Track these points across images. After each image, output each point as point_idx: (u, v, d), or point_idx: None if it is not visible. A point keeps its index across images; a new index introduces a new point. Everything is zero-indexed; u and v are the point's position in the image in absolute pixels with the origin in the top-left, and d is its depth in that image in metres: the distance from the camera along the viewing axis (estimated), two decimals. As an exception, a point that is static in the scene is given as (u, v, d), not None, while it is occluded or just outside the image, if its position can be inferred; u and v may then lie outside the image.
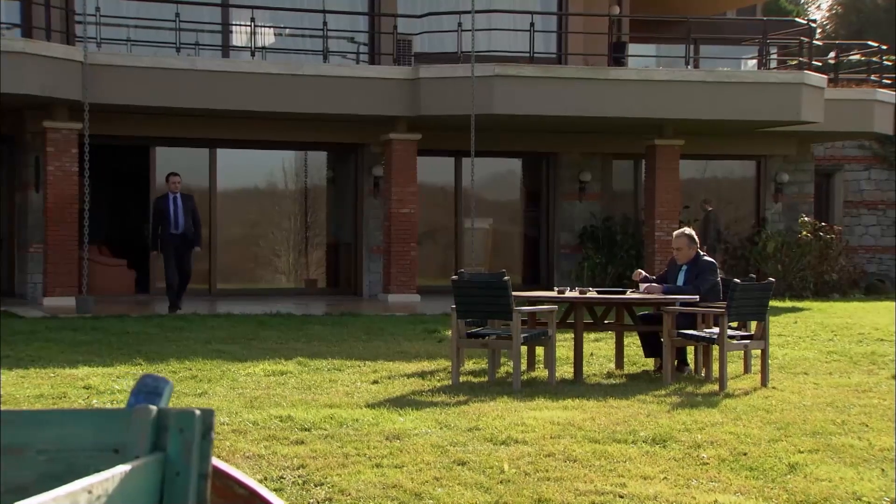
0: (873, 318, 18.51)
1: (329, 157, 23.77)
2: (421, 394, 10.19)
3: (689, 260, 11.74)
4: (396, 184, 21.03)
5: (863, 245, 28.15)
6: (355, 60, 23.10)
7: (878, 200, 28.69)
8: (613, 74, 20.94)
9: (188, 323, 16.22)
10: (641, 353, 12.40)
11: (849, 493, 6.80)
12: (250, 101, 20.18)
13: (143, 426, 2.31)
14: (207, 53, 21.95)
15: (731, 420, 9.01)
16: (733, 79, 21.63)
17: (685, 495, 6.73)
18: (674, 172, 22.09)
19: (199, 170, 22.26)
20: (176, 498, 2.29)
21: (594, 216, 23.73)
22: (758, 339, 11.01)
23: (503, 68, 20.21)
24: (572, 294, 11.52)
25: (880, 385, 11.13)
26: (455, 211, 23.68)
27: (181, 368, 11.56)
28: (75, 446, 2.35)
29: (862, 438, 8.35)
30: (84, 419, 2.40)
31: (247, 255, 23.43)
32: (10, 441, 2.35)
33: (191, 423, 2.32)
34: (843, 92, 23.87)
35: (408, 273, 21.14)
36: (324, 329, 15.61)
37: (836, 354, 13.61)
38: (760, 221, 25.22)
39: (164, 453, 2.31)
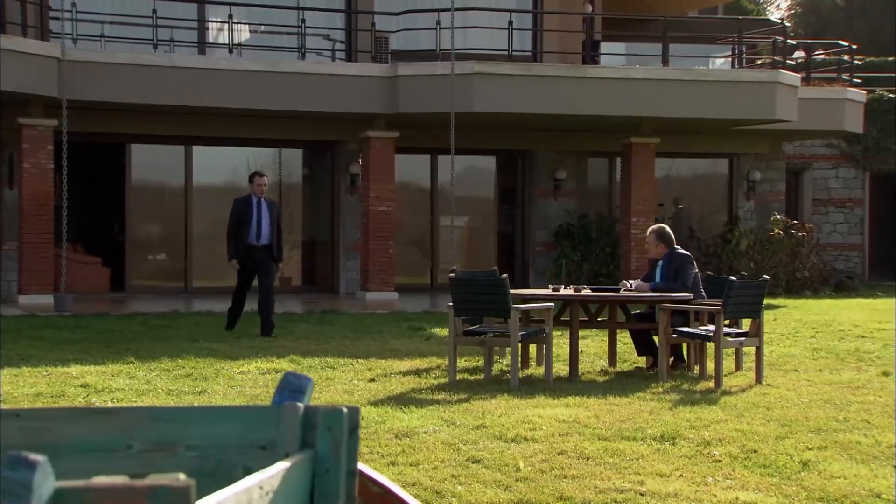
0: (849, 315, 18.68)
1: (305, 155, 23.70)
2: (421, 391, 10.19)
3: (661, 255, 11.84)
4: (374, 181, 21.00)
5: (831, 242, 28.38)
6: (331, 58, 23.03)
7: (846, 198, 28.94)
8: (591, 73, 21.01)
9: (172, 321, 16.14)
10: (632, 351, 12.46)
11: (866, 490, 6.85)
12: (227, 99, 20.08)
13: (292, 424, 2.31)
14: (184, 50, 21.82)
15: (735, 417, 9.07)
16: (709, 77, 21.75)
17: (705, 493, 6.77)
18: (649, 170, 22.20)
19: (175, 167, 22.14)
20: (327, 495, 2.29)
21: (569, 214, 23.80)
22: (752, 337, 11.08)
23: (482, 66, 20.24)
24: (567, 292, 11.55)
25: (872, 382, 11.23)
26: (431, 209, 23.67)
27: (175, 367, 11.50)
28: (224, 442, 2.35)
29: (867, 435, 8.42)
30: (233, 416, 2.40)
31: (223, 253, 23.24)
32: (162, 437, 2.34)
33: (339, 421, 2.32)
34: (815, 91, 24.06)
35: (386, 271, 21.12)
36: (309, 327, 15.59)
37: (822, 352, 13.72)
38: (733, 219, 25.39)
39: (313, 450, 2.31)
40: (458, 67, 19.81)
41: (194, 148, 22.20)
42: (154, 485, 1.77)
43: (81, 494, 1.79)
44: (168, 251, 22.78)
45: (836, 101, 24.18)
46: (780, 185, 26.11)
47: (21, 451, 1.79)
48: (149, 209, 22.57)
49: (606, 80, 20.82)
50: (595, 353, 12.97)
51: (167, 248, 22.77)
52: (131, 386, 10.33)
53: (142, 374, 11.04)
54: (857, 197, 28.97)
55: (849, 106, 24.40)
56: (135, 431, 2.37)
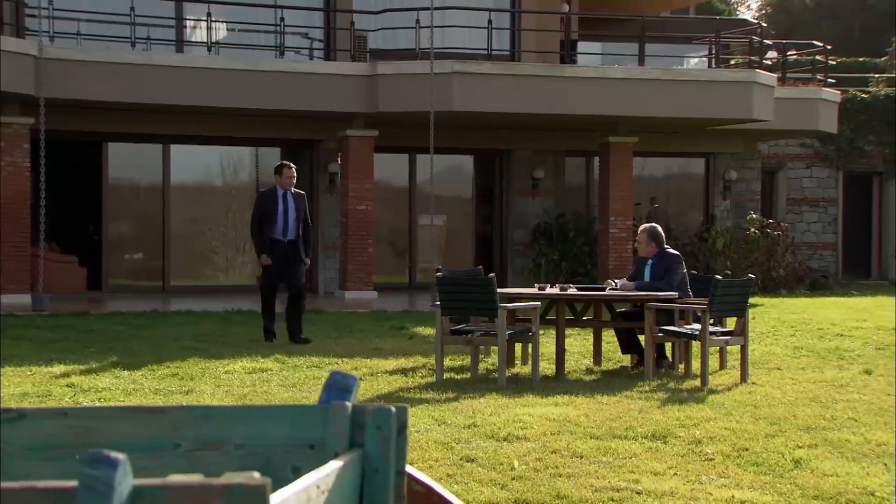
0: (826, 314, 18.79)
1: (283, 154, 23.60)
2: (409, 390, 10.19)
3: (652, 254, 11.88)
4: (353, 180, 20.98)
5: (805, 242, 28.55)
6: (309, 56, 22.98)
7: (820, 198, 29.12)
8: (570, 72, 21.05)
9: (152, 321, 16.07)
10: (616, 349, 12.50)
11: (859, 488, 6.90)
12: (206, 97, 20.01)
13: (341, 423, 2.31)
14: (161, 48, 21.72)
15: (723, 416, 9.11)
16: (687, 77, 21.84)
17: (700, 491, 6.80)
18: (627, 169, 22.28)
19: (153, 166, 22.04)
20: (376, 494, 2.29)
21: (547, 213, 23.85)
22: (738, 336, 11.14)
23: (462, 65, 20.25)
24: (553, 291, 11.57)
25: (855, 380, 11.31)
26: (409, 208, 23.66)
27: (160, 366, 11.45)
28: (272, 441, 2.36)
29: (856, 433, 8.48)
30: (280, 415, 2.40)
31: (200, 252, 23.24)
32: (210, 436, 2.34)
33: (388, 420, 2.32)
34: (790, 91, 24.19)
35: (365, 270, 21.11)
36: (291, 326, 15.51)
37: (802, 350, 13.80)
38: (709, 218, 25.51)
39: (362, 450, 2.31)
40: (437, 66, 19.81)
41: (172, 147, 22.11)
42: (230, 483, 1.76)
43: (158, 492, 1.79)
44: (145, 250, 22.68)
45: (810, 100, 24.33)
46: (756, 184, 26.26)
47: (101, 450, 1.79)
48: (126, 208, 22.47)
49: (585, 80, 20.87)
50: (579, 351, 13.00)
51: (144, 247, 22.67)
52: (117, 385, 10.28)
53: (127, 374, 10.99)
54: (831, 196, 29.15)
55: (823, 106, 24.56)
56: (182, 430, 2.36)
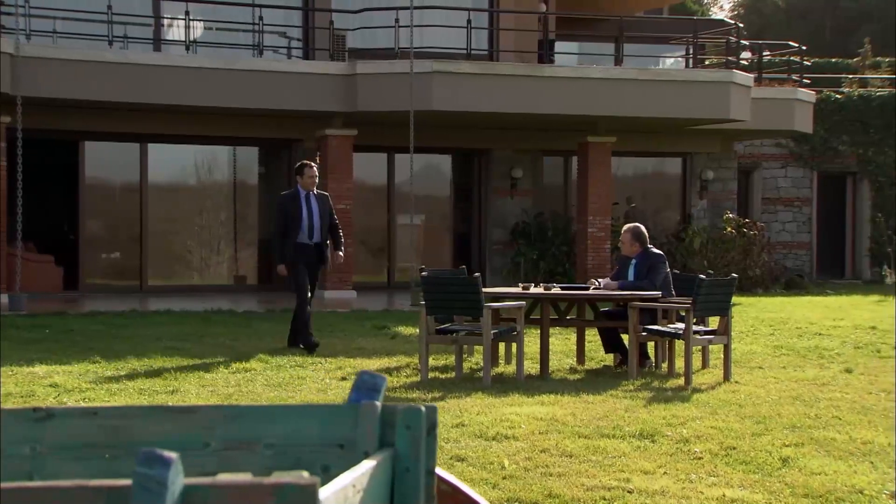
0: (804, 313, 18.90)
1: (262, 153, 23.59)
2: (394, 390, 10.19)
3: (636, 253, 11.92)
4: (332, 179, 20.95)
5: (780, 241, 28.70)
6: (287, 55, 22.93)
7: (794, 197, 29.28)
8: (549, 72, 21.09)
9: (131, 320, 16.01)
10: (599, 348, 12.53)
11: (847, 486, 6.94)
12: (184, 96, 19.95)
13: (371, 422, 2.32)
14: (139, 47, 21.63)
15: (709, 414, 9.15)
16: (665, 77, 21.92)
17: (691, 490, 6.83)
18: (606, 169, 22.33)
19: (130, 165, 21.95)
20: (407, 493, 2.30)
21: (526, 212, 23.88)
22: (721, 335, 11.19)
23: (441, 65, 20.25)
24: (537, 290, 11.60)
25: (836, 379, 11.37)
26: (388, 207, 23.65)
27: (141, 366, 11.41)
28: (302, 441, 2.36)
29: (841, 432, 8.53)
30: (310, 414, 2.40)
31: (178, 252, 23.16)
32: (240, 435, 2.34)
33: (418, 420, 2.32)
34: (766, 91, 24.31)
35: (344, 269, 21.04)
36: (272, 326, 15.53)
37: (782, 349, 13.87)
38: (686, 218, 25.60)
39: (392, 449, 2.31)
40: (416, 66, 19.80)
41: (149, 146, 22.02)
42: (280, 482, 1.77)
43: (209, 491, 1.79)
44: (122, 249, 22.58)
45: (786, 101, 24.46)
46: (732, 184, 26.38)
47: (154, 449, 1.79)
48: (103, 207, 22.35)
49: (564, 80, 20.91)
50: (562, 350, 13.02)
51: (122, 246, 22.57)
52: (101, 385, 10.24)
53: (110, 374, 10.94)
54: (805, 196, 29.32)
55: (799, 106, 24.70)
56: (212, 429, 2.36)
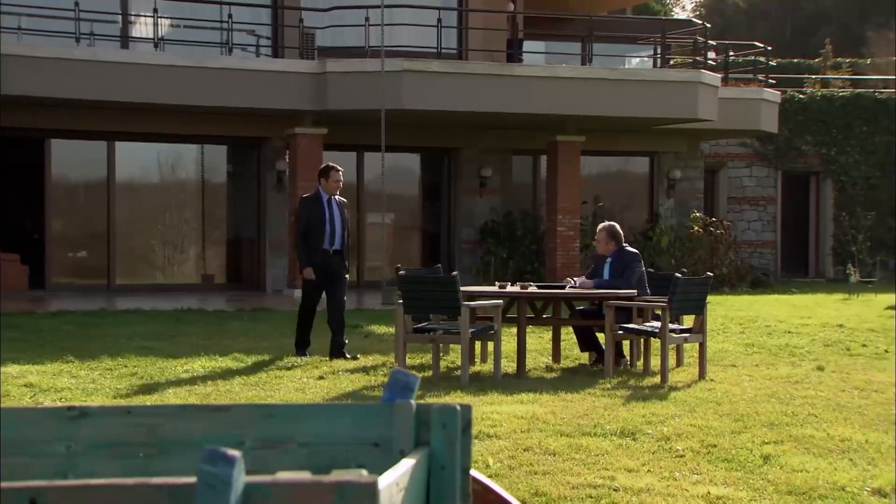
0: (771, 311, 19.05)
1: (231, 151, 23.48)
2: (372, 388, 10.18)
3: (611, 252, 11.97)
4: (302, 178, 20.88)
5: (745, 240, 28.88)
6: (256, 53, 22.84)
7: (760, 197, 29.49)
8: (519, 71, 21.13)
9: (101, 319, 15.90)
10: (573, 347, 12.58)
11: (829, 482, 7.00)
12: (152, 94, 19.83)
13: (406, 421, 2.32)
14: (106, 44, 21.48)
15: (688, 412, 9.20)
16: (634, 77, 22.02)
17: (676, 487, 6.86)
18: (575, 168, 22.39)
19: (97, 163, 21.81)
20: (443, 492, 2.30)
21: (495, 211, 23.91)
22: (696, 333, 11.25)
23: (412, 63, 20.24)
24: (514, 289, 11.62)
25: (809, 377, 11.46)
26: (357, 206, 23.60)
27: (117, 366, 11.35)
28: (336, 440, 2.36)
29: (819, 429, 8.60)
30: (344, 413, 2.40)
31: (145, 250, 23.03)
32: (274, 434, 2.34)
33: (453, 419, 2.33)
34: (733, 91, 24.45)
35: (314, 268, 20.98)
36: (244, 325, 15.48)
37: (754, 347, 13.97)
38: (654, 217, 25.72)
39: (428, 448, 2.32)
40: (387, 65, 19.78)
41: (117, 144, 21.89)
42: (342, 481, 1.77)
43: (270, 489, 1.79)
44: (89, 248, 22.42)
45: (752, 101, 24.62)
46: (699, 183, 26.53)
47: (218, 447, 1.78)
48: (70, 205, 22.20)
49: (534, 79, 20.95)
50: (536, 349, 13.05)
51: (89, 245, 22.41)
52: (77, 385, 10.17)
53: (84, 374, 10.88)
54: (770, 195, 29.53)
55: (765, 106, 24.86)
56: (246, 428, 2.36)
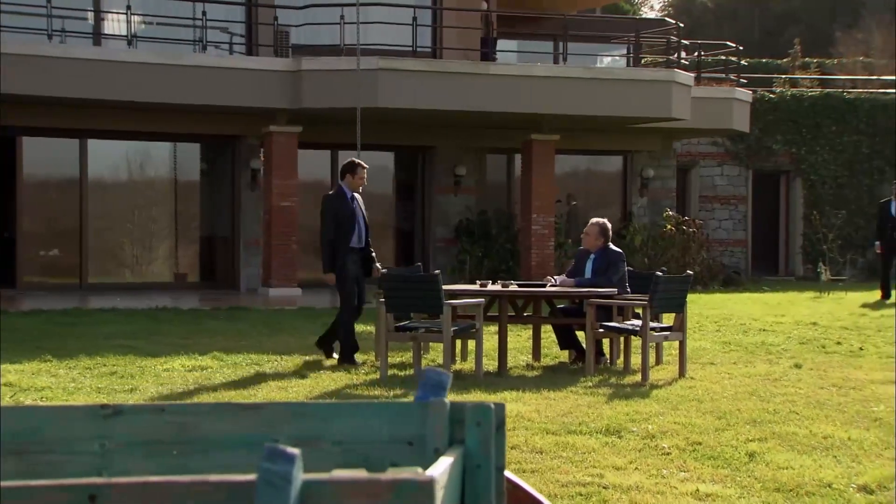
0: (745, 309, 19.14)
1: (205, 149, 23.39)
2: (356, 387, 10.18)
3: (597, 249, 12.00)
4: (277, 176, 20.83)
5: (717, 238, 29.02)
6: (229, 51, 22.75)
7: (731, 196, 29.64)
8: (494, 69, 21.15)
9: (77, 318, 15.81)
10: (553, 345, 12.61)
11: (815, 480, 7.04)
12: (125, 91, 19.71)
13: (441, 420, 2.32)
14: (77, 41, 21.34)
15: (670, 410, 9.24)
16: (609, 76, 22.08)
17: (664, 485, 6.89)
18: (549, 167, 22.43)
19: (69, 161, 21.68)
20: (478, 490, 2.30)
21: (469, 210, 23.93)
22: (676, 331, 11.30)
23: (387, 62, 20.22)
24: (495, 287, 11.64)
25: (787, 374, 11.54)
26: (331, 204, 23.54)
27: (95, 364, 11.29)
28: (369, 438, 2.36)
29: (801, 427, 8.65)
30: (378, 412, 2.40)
31: (118, 249, 22.91)
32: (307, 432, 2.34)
33: (487, 417, 2.33)
34: (705, 90, 24.55)
35: (289, 266, 20.98)
36: (221, 324, 15.42)
37: (731, 345, 14.04)
38: (627, 215, 25.80)
39: (463, 446, 2.32)
40: (362, 63, 19.75)
41: (89, 141, 21.77)
42: (398, 478, 1.77)
43: (326, 486, 1.80)
44: (61, 247, 22.27)
45: (725, 100, 24.73)
46: (672, 182, 26.65)
47: (277, 444, 1.78)
48: (41, 204, 22.03)
49: (509, 78, 20.97)
50: (516, 347, 13.07)
51: (61, 243, 22.26)
52: (57, 384, 10.11)
53: (63, 373, 10.82)
54: (741, 194, 29.69)
55: (737, 105, 24.98)
56: (279, 426, 2.36)
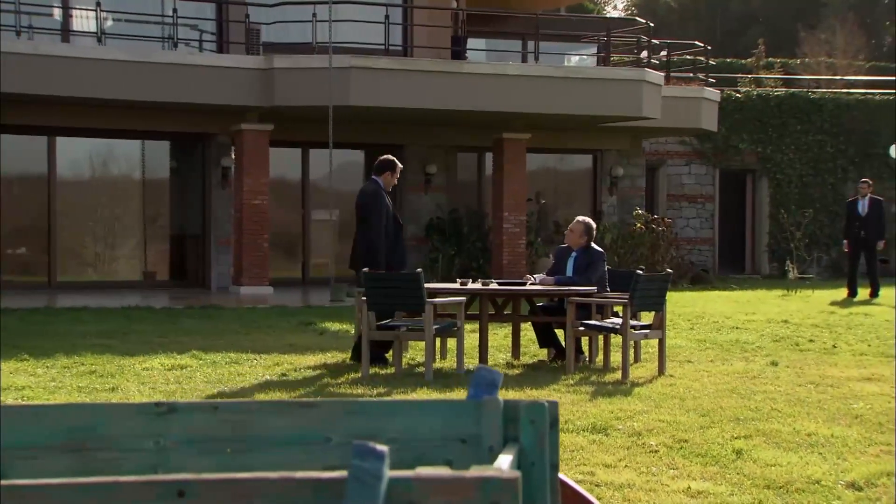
0: (716, 308, 19.24)
1: (175, 147, 23.26)
2: (338, 386, 10.17)
3: (580, 247, 12.03)
4: (248, 175, 20.76)
5: (684, 237, 29.17)
6: (199, 48, 22.64)
7: (698, 194, 29.80)
8: (467, 68, 21.17)
9: (50, 317, 15.70)
10: (531, 343, 12.63)
11: (804, 477, 7.10)
12: (94, 89, 19.58)
13: (495, 418, 2.33)
14: (45, 38, 21.16)
15: (654, 408, 9.28)
16: (580, 74, 22.15)
17: (655, 482, 6.93)
18: (521, 166, 22.48)
19: (37, 159, 21.51)
20: (533, 488, 2.31)
21: (440, 208, 23.94)
22: (656, 329, 11.35)
23: (359, 60, 20.19)
24: (475, 286, 11.65)
25: (765, 372, 11.61)
26: (302, 203, 23.51)
27: (73, 364, 11.22)
28: (423, 436, 2.36)
29: (784, 424, 8.71)
30: (432, 409, 2.41)
31: (87, 247, 22.76)
32: (361, 430, 2.34)
33: (542, 415, 2.34)
34: (674, 90, 24.67)
35: (260, 265, 20.90)
36: (195, 322, 15.35)
37: (706, 343, 14.11)
38: (597, 214, 25.88)
39: (517, 444, 2.33)
40: (335, 61, 19.71)
41: (58, 139, 21.61)
42: (484, 476, 1.77)
43: (412, 483, 1.80)
44: (29, 245, 22.10)
45: (694, 99, 24.87)
46: (641, 180, 26.77)
47: (366, 442, 1.78)
48: (9, 202, 21.83)
49: (481, 76, 20.99)
50: (494, 345, 13.08)
51: (29, 241, 22.09)
52: (37, 383, 10.04)
53: (42, 372, 10.74)
54: (708, 193, 29.86)
55: (705, 105, 25.13)
56: (333, 424, 2.36)
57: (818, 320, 17.05)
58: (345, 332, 14.18)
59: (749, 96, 29.83)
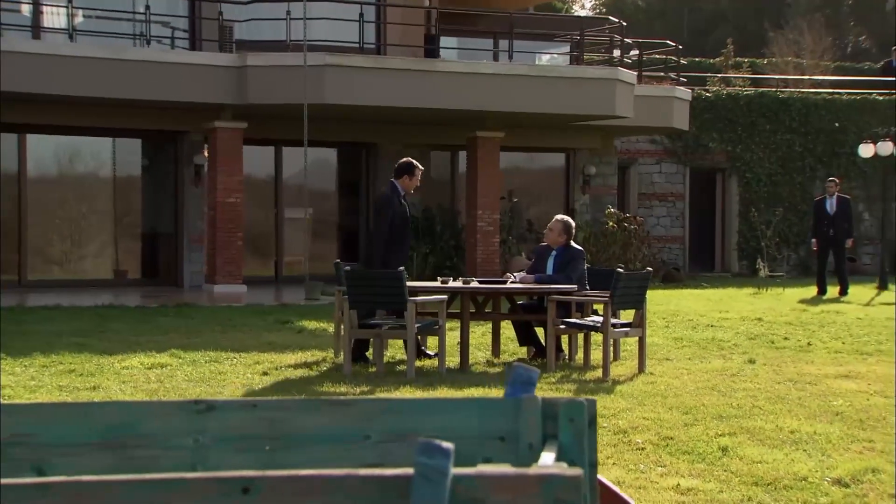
0: (689, 306, 19.32)
1: (147, 145, 23.12)
2: (321, 384, 10.15)
3: (559, 245, 12.05)
4: (222, 172, 20.66)
5: (655, 235, 29.26)
6: (171, 45, 22.51)
7: (669, 192, 29.92)
8: (441, 66, 21.16)
9: (24, 315, 15.58)
10: (511, 342, 12.65)
11: (790, 473, 7.15)
12: (65, 86, 19.43)
13: (534, 416, 2.33)
14: (16, 34, 20.99)
15: (637, 406, 9.32)
16: (554, 73, 22.18)
17: (645, 479, 6.96)
18: (494, 164, 22.50)
19: (8, 156, 21.34)
20: None
21: (414, 207, 23.85)
22: (636, 327, 11.39)
23: (334, 58, 20.13)
24: (456, 284, 11.66)
25: (743, 370, 11.67)
26: (276, 201, 23.43)
27: (51, 363, 11.14)
28: (462, 434, 2.36)
29: (767, 421, 8.77)
30: (470, 407, 2.41)
31: (57, 245, 22.59)
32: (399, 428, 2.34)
33: (580, 413, 2.34)
34: (646, 89, 24.75)
35: (234, 263, 20.81)
36: (171, 321, 15.27)
37: (683, 341, 14.17)
38: (570, 212, 25.93)
39: (556, 442, 2.33)
40: (309, 59, 19.66)
41: (28, 136, 21.44)
42: (546, 473, 1.77)
43: (475, 481, 1.80)
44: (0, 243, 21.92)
45: (666, 98, 24.96)
46: (613, 179, 26.85)
47: (432, 439, 1.78)
48: (-21, 199, 21.68)
49: (455, 75, 20.99)
50: (474, 343, 13.08)
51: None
52: (18, 382, 9.97)
53: (20, 370, 10.66)
54: (679, 191, 29.99)
55: (677, 104, 25.22)
56: (371, 422, 2.36)
57: (791, 318, 17.15)
58: (322, 331, 14.15)
59: (719, 96, 29.99)
